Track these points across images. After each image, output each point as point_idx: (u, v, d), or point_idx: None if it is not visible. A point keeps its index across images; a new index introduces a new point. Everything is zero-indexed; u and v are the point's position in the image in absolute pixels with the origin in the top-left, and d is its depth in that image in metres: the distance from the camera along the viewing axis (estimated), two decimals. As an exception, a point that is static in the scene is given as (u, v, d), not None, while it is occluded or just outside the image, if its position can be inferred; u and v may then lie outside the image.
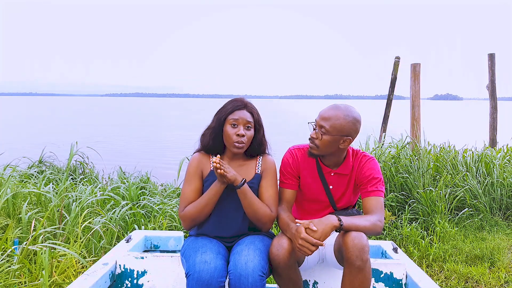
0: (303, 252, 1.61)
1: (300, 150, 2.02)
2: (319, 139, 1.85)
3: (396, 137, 5.66)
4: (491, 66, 6.36)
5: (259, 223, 1.85)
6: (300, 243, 1.61)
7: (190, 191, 1.88)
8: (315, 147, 1.87)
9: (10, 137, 15.69)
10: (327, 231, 1.61)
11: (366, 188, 1.88)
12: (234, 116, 1.87)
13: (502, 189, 4.41)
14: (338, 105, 1.86)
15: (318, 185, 1.98)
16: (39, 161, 5.43)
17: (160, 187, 5.04)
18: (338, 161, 1.95)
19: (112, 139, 16.31)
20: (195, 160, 1.94)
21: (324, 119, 1.83)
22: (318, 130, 1.85)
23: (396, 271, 1.99)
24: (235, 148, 1.86)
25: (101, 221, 3.10)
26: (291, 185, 1.98)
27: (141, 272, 2.01)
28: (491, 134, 6.42)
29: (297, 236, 1.63)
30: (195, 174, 1.91)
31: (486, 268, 3.05)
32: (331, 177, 1.97)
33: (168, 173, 6.13)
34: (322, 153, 1.89)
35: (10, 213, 3.22)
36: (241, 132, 1.85)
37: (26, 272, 2.43)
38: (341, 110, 1.83)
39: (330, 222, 1.63)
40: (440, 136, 6.62)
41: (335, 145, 1.85)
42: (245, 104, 1.91)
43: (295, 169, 1.98)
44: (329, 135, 1.82)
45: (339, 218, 1.65)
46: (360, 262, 1.60)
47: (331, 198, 1.98)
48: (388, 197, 4.05)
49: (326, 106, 1.89)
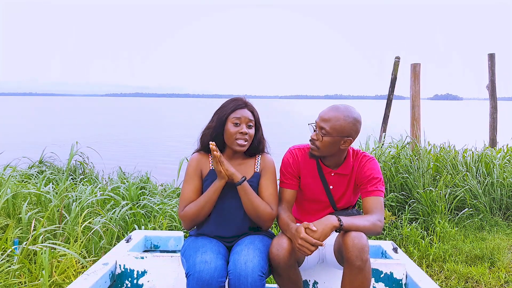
0: (303, 252, 1.61)
1: (301, 150, 2.02)
2: (319, 141, 1.85)
3: (396, 137, 5.66)
4: (491, 66, 6.36)
5: (260, 220, 1.85)
6: (299, 243, 1.61)
7: (190, 191, 1.88)
8: (315, 148, 1.87)
9: (10, 137, 15.69)
10: (326, 231, 1.61)
11: (366, 188, 1.88)
12: (236, 115, 1.88)
13: (502, 189, 4.41)
14: (338, 106, 1.85)
15: (318, 185, 1.98)
16: (39, 161, 5.42)
17: (160, 187, 5.04)
18: (339, 161, 1.95)
19: (112, 139, 16.31)
20: (194, 160, 1.94)
21: (324, 120, 1.83)
22: (318, 132, 1.85)
23: (396, 271, 1.99)
24: (238, 146, 1.87)
25: (101, 221, 3.10)
26: (292, 185, 1.98)
27: (141, 272, 2.01)
28: (491, 134, 6.42)
29: (296, 236, 1.63)
30: (195, 174, 1.91)
31: (486, 268, 3.05)
32: (331, 177, 1.97)
33: (168, 173, 6.13)
34: (323, 154, 1.89)
35: (10, 213, 3.22)
36: (244, 130, 1.86)
37: (26, 272, 2.43)
38: (341, 111, 1.82)
39: (330, 222, 1.63)
40: (440, 136, 6.62)
41: (336, 146, 1.85)
42: (246, 103, 1.93)
43: (296, 169, 1.98)
44: (330, 137, 1.82)
45: (339, 218, 1.65)
46: (360, 262, 1.60)
47: (331, 198, 1.98)
48: (388, 197, 4.05)
49: (326, 107, 1.89)
